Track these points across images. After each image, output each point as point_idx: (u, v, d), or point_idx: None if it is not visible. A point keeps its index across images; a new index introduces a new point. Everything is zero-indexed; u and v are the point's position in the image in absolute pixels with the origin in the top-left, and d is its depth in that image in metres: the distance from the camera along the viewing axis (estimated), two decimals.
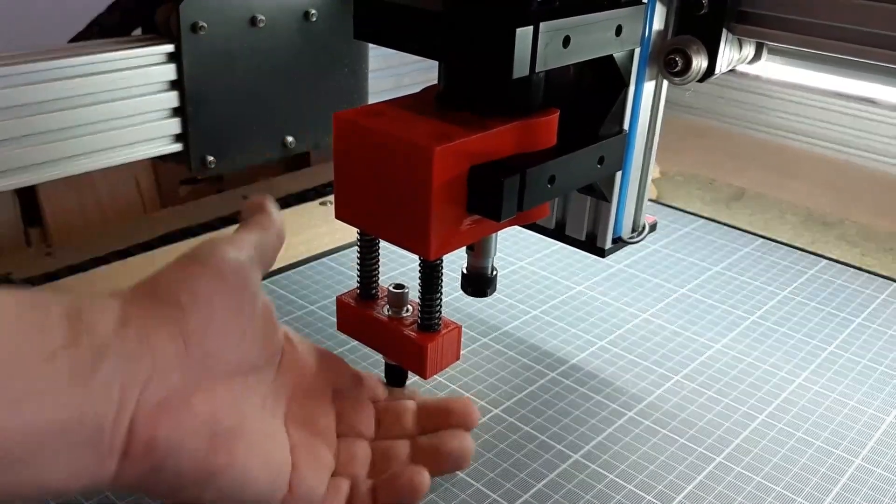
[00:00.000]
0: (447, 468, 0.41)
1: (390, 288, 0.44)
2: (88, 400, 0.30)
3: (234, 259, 0.37)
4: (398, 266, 0.65)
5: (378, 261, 0.45)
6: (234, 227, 0.72)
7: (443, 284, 0.43)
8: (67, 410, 0.29)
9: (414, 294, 0.44)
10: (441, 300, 0.43)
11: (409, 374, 0.47)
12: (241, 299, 0.36)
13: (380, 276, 0.46)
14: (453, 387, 0.52)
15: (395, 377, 0.46)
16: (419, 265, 0.42)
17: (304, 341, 0.42)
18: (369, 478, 0.40)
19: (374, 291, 0.45)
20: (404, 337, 0.43)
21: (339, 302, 0.46)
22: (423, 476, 0.39)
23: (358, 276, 0.45)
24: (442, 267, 0.43)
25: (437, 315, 0.43)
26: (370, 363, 0.54)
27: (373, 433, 0.42)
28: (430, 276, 0.42)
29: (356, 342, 0.47)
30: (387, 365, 0.45)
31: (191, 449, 0.33)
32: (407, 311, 0.44)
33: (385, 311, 0.44)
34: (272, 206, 0.42)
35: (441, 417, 0.42)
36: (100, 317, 0.32)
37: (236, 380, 0.36)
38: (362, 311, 0.45)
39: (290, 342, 0.41)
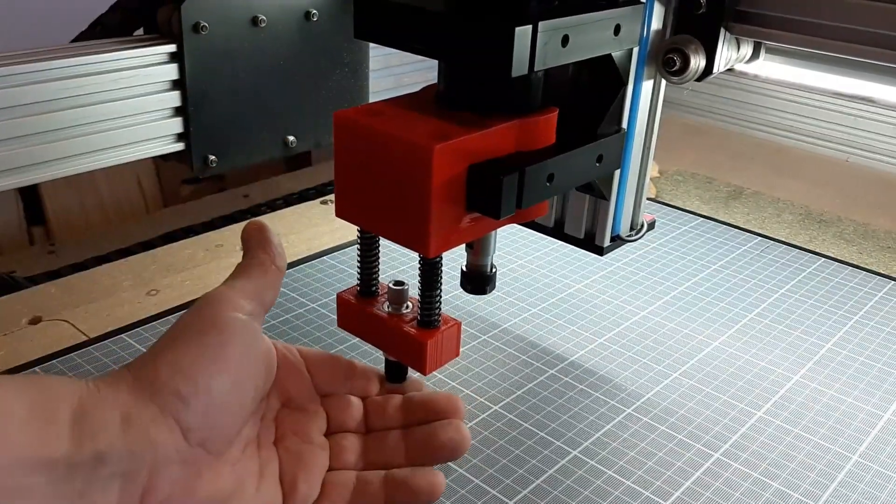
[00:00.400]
0: (443, 458, 0.41)
1: (390, 285, 0.44)
2: None
3: (236, 322, 0.38)
4: (398, 264, 0.66)
5: (378, 258, 0.45)
6: (233, 225, 0.72)
7: (442, 281, 0.43)
8: None
9: (414, 291, 0.44)
10: (441, 296, 0.43)
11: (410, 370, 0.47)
12: (243, 367, 0.37)
13: (380, 273, 0.46)
14: (453, 384, 0.53)
15: (395, 373, 0.46)
16: (419, 262, 0.43)
17: (292, 354, 0.43)
18: (367, 468, 0.41)
19: (374, 288, 0.46)
20: (404, 333, 0.43)
21: (340, 299, 0.46)
22: (440, 477, 0.40)
23: (358, 273, 0.46)
24: (441, 264, 0.43)
25: (437, 311, 0.43)
26: (371, 360, 0.54)
27: (361, 427, 0.43)
28: (430, 273, 0.42)
29: (357, 338, 0.47)
30: (387, 361, 0.46)
31: None
32: (407, 307, 0.44)
33: (385, 307, 0.45)
34: (271, 236, 0.42)
35: (427, 411, 0.42)
36: (103, 419, 0.33)
37: (234, 444, 0.38)
38: (362, 308, 0.45)
39: (280, 364, 0.42)
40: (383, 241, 0.44)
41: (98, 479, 0.32)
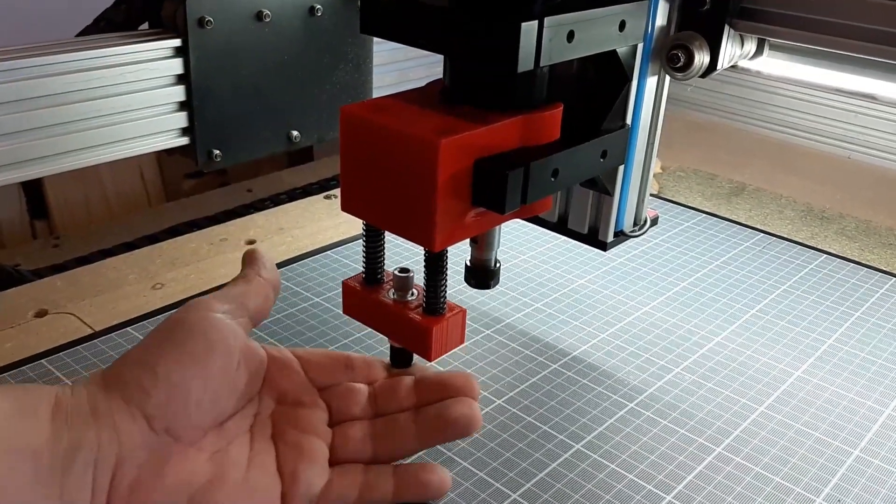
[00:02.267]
0: (454, 435, 0.42)
1: (395, 272, 0.45)
2: (67, 490, 0.34)
3: (204, 318, 0.39)
4: (403, 259, 0.66)
5: (383, 248, 0.46)
6: (236, 220, 0.72)
7: (447, 273, 0.43)
8: (51, 501, 0.34)
9: (419, 279, 0.44)
10: (446, 284, 0.43)
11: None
12: (208, 358, 0.39)
13: (385, 261, 0.46)
14: None
15: (400, 360, 0.46)
16: (425, 251, 0.43)
17: (281, 354, 0.43)
18: (377, 453, 0.41)
19: (379, 276, 0.46)
20: (409, 320, 0.43)
21: (345, 286, 0.46)
22: (448, 474, 0.41)
23: (364, 263, 0.46)
24: (447, 254, 0.43)
25: (443, 298, 0.44)
26: (376, 354, 0.54)
27: (368, 413, 0.43)
28: (436, 261, 0.43)
29: (362, 332, 0.48)
30: (392, 348, 0.46)
31: None
32: (412, 294, 0.45)
33: (390, 294, 0.45)
34: (261, 255, 0.45)
35: (440, 391, 0.43)
36: (75, 413, 0.36)
37: (211, 434, 0.39)
38: (368, 295, 0.45)
39: (271, 362, 0.43)
40: (388, 234, 0.44)
41: (75, 468, 0.34)
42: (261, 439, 0.40)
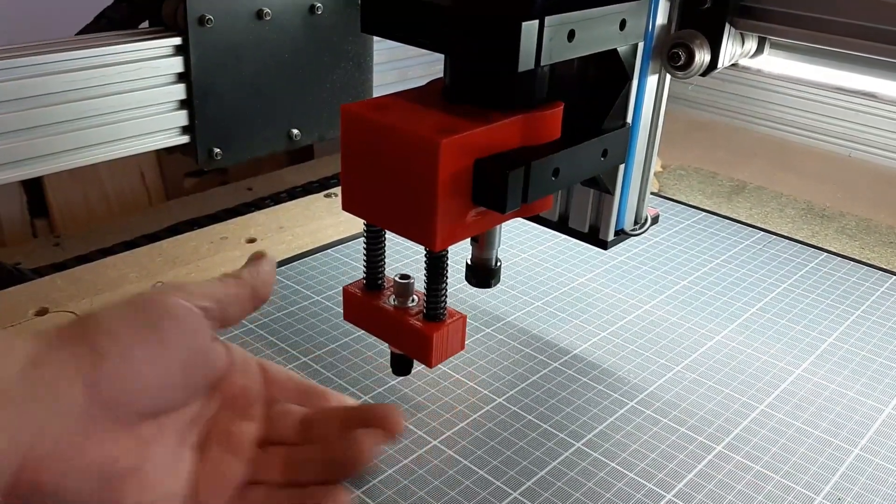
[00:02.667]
0: (348, 474, 0.39)
1: (396, 278, 0.45)
2: None
3: (173, 304, 0.37)
4: (403, 258, 0.66)
5: (384, 252, 0.46)
6: (237, 218, 0.72)
7: (448, 274, 0.44)
8: None
9: (419, 285, 0.44)
10: (446, 290, 0.44)
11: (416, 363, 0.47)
12: (171, 348, 0.37)
13: (386, 266, 0.46)
14: (457, 376, 0.53)
15: (400, 366, 0.46)
16: (425, 256, 0.43)
17: (248, 361, 0.42)
18: (290, 484, 0.39)
19: (380, 282, 0.46)
20: (410, 326, 0.43)
21: (346, 292, 0.46)
22: (345, 498, 0.39)
23: (364, 266, 0.46)
24: (447, 257, 0.43)
25: (443, 305, 0.44)
26: (376, 353, 0.54)
27: (295, 440, 0.41)
28: (436, 267, 0.43)
29: (362, 331, 0.48)
30: (392, 354, 0.46)
31: (76, 491, 0.34)
32: (413, 301, 0.45)
33: (391, 301, 0.45)
34: (262, 262, 0.42)
35: (366, 422, 0.40)
36: (6, 362, 0.33)
37: (147, 422, 0.37)
38: (368, 301, 0.45)
39: (234, 367, 0.41)
40: (389, 235, 0.44)
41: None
42: (186, 445, 0.39)
